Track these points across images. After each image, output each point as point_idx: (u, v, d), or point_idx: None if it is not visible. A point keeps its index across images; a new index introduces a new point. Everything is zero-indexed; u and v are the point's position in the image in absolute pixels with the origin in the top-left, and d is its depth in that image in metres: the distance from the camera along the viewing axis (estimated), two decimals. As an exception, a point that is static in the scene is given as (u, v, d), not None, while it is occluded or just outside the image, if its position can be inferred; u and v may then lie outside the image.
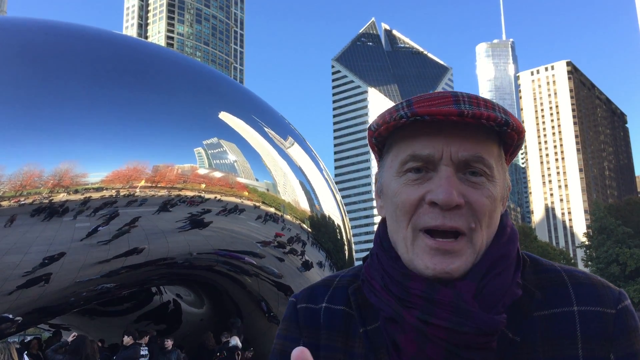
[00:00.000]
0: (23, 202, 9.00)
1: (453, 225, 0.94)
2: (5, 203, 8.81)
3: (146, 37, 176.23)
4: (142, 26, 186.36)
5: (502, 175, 1.01)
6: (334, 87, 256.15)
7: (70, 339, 10.84)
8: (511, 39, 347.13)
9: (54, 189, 9.25)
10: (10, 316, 9.61)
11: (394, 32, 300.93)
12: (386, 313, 0.98)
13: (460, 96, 0.95)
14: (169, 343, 12.87)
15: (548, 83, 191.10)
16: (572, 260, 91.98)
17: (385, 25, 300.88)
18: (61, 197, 9.38)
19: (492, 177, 0.98)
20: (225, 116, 12.70)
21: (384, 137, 1.04)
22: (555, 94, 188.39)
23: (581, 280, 1.02)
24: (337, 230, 15.22)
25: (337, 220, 15.20)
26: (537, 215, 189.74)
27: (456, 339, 0.91)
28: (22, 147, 9.18)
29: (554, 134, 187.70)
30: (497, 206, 0.99)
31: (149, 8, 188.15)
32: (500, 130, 0.96)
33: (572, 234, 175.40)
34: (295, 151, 14.36)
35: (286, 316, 1.15)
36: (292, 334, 1.13)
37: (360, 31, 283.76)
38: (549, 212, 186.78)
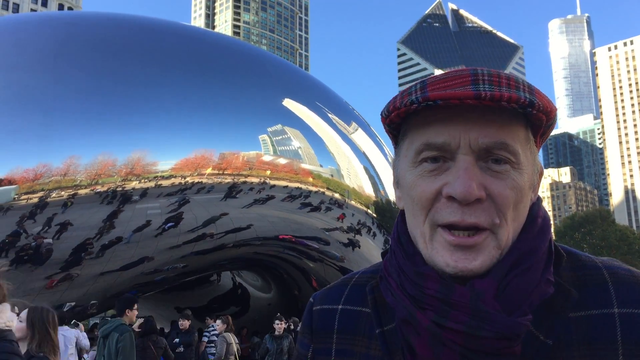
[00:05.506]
0: (98, 190, 9.40)
1: (473, 221, 0.85)
2: (81, 191, 9.24)
3: (213, 27, 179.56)
4: (210, 16, 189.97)
5: (530, 161, 0.92)
6: (399, 70, 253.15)
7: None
8: (586, 14, 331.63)
9: (126, 177, 9.61)
10: (86, 300, 10.10)
11: (461, 11, 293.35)
12: (401, 314, 0.91)
13: (480, 75, 0.86)
14: (281, 326, 10.41)
15: (627, 59, 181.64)
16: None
17: (452, 5, 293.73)
18: (134, 185, 9.73)
19: (518, 165, 0.88)
20: (289, 103, 12.78)
21: (397, 123, 0.95)
22: (635, 70, 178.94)
23: (624, 279, 0.91)
24: (403, 216, 15.09)
25: (403, 205, 15.07)
26: (616, 197, 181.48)
27: (473, 344, 0.83)
28: (96, 137, 9.56)
29: (633, 112, 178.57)
30: (525, 196, 0.90)
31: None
32: (525, 112, 0.86)
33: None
34: (360, 137, 14.29)
35: (303, 318, 1.11)
36: (305, 339, 1.09)
37: (426, 12, 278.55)
38: (629, 194, 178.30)
